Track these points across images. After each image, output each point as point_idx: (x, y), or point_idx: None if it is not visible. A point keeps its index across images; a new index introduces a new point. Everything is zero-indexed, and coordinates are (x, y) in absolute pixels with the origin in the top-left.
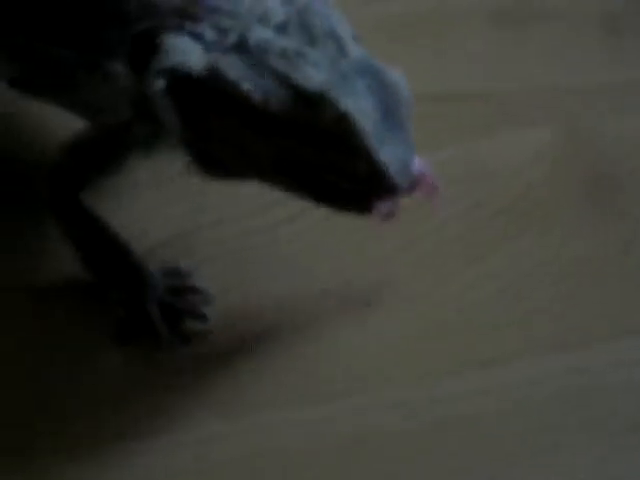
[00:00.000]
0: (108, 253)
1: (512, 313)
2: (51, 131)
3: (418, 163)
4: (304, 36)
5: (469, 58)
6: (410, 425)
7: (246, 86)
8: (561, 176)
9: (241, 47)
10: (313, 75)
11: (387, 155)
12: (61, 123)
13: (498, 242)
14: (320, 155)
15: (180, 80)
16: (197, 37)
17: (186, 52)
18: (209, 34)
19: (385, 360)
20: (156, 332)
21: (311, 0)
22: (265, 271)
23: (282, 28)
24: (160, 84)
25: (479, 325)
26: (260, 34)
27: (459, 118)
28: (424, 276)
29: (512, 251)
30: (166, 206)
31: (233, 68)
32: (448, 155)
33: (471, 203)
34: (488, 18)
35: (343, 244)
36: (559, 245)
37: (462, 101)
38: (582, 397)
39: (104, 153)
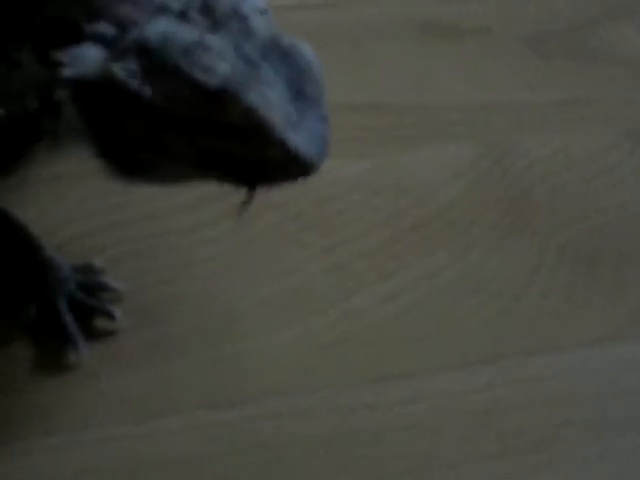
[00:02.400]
0: (15, 246)
1: (424, 327)
2: None
3: None
4: (206, 20)
5: (394, 70)
6: (310, 433)
7: (136, 86)
8: (479, 193)
9: (140, 45)
10: (215, 68)
11: (300, 138)
12: None
13: (414, 256)
14: (232, 147)
15: (83, 87)
16: (97, 38)
17: (85, 61)
18: (109, 32)
19: (294, 368)
20: (63, 327)
21: None
22: (178, 273)
23: (183, 14)
24: (63, 94)
25: (390, 338)
26: (159, 27)
27: (380, 130)
28: (338, 286)
29: (427, 266)
30: (83, 201)
31: (126, 69)
32: (368, 167)
33: (389, 216)
34: (415, 30)
35: (259, 250)
36: (474, 262)
37: (384, 113)
38: (489, 413)
39: (11, 144)
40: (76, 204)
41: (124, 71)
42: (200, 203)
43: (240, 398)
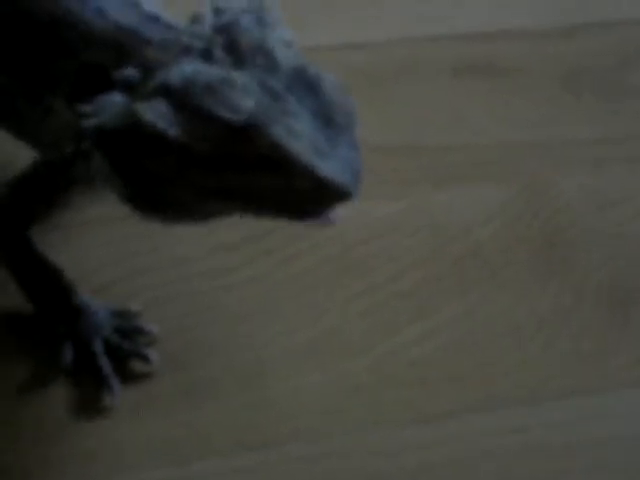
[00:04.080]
0: (51, 290)
1: (458, 368)
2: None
3: None
4: (231, 57)
5: (427, 111)
6: (345, 475)
7: (162, 127)
8: (513, 233)
9: (164, 86)
10: (239, 104)
11: (330, 167)
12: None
13: (448, 297)
14: (262, 180)
15: (107, 134)
16: (125, 83)
17: (109, 109)
18: (135, 76)
19: (329, 410)
20: (99, 370)
21: (238, 16)
22: (211, 316)
23: (207, 53)
24: (89, 144)
25: (424, 378)
26: (184, 67)
27: (414, 171)
28: (373, 328)
29: (461, 307)
30: (117, 245)
31: (153, 110)
32: (402, 207)
33: (423, 257)
34: (448, 70)
35: (293, 292)
36: (508, 302)
37: (417, 154)
38: (523, 454)
39: (47, 189)
40: (110, 248)
41: (150, 112)
42: (234, 245)
43: (275, 440)
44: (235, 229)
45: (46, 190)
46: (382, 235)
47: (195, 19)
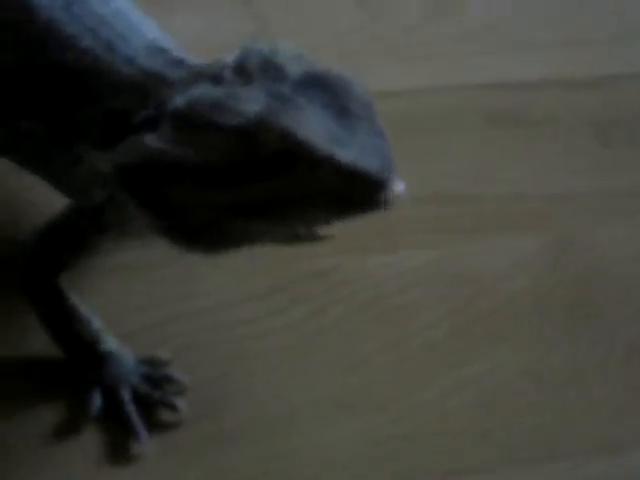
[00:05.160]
0: (81, 339)
1: (488, 422)
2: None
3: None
4: (241, 78)
5: (460, 160)
6: None
7: (172, 152)
8: (544, 284)
9: (172, 114)
10: (246, 110)
11: (353, 153)
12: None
13: (479, 349)
14: (283, 183)
15: (127, 174)
16: (146, 124)
17: (130, 150)
18: (154, 116)
19: (358, 464)
20: (127, 418)
21: (252, 44)
22: (242, 364)
23: (216, 78)
24: (115, 188)
25: (454, 432)
26: (191, 93)
27: (446, 220)
28: (403, 379)
29: (492, 359)
30: (148, 291)
31: (158, 138)
32: (434, 257)
33: (454, 307)
34: (481, 120)
35: (324, 342)
36: (539, 355)
37: (450, 203)
38: None
39: (77, 238)
40: (142, 294)
41: (157, 141)
42: (266, 294)
43: None
44: (268, 277)
45: (77, 238)
46: (414, 284)
47: (216, 59)
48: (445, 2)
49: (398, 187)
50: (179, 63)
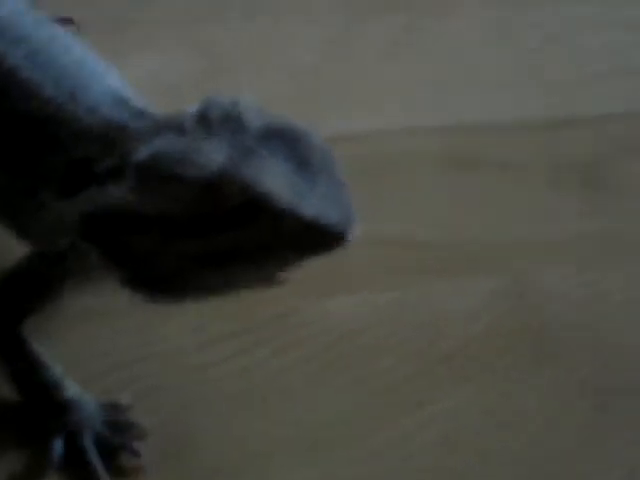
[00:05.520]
0: (42, 386)
1: (451, 463)
2: None
3: None
4: (202, 128)
5: (418, 204)
6: None
7: (134, 205)
8: (503, 327)
9: (134, 166)
10: (208, 161)
11: (314, 204)
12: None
13: (440, 390)
14: (246, 234)
15: (91, 223)
16: (107, 174)
17: (92, 200)
18: (116, 166)
19: None
20: (88, 464)
21: (213, 97)
22: (204, 407)
23: (179, 128)
24: (77, 236)
25: (416, 473)
26: (153, 145)
27: (405, 263)
28: (362, 422)
29: (455, 398)
30: (109, 337)
31: (121, 191)
32: (395, 298)
33: (416, 348)
34: (441, 163)
35: (283, 385)
36: (502, 395)
37: (409, 247)
38: None
39: (39, 284)
40: (105, 338)
41: (120, 191)
42: (228, 336)
43: None
44: (230, 321)
45: (40, 284)
46: (375, 326)
47: (178, 110)
48: (404, 42)
49: (355, 232)
50: (141, 114)
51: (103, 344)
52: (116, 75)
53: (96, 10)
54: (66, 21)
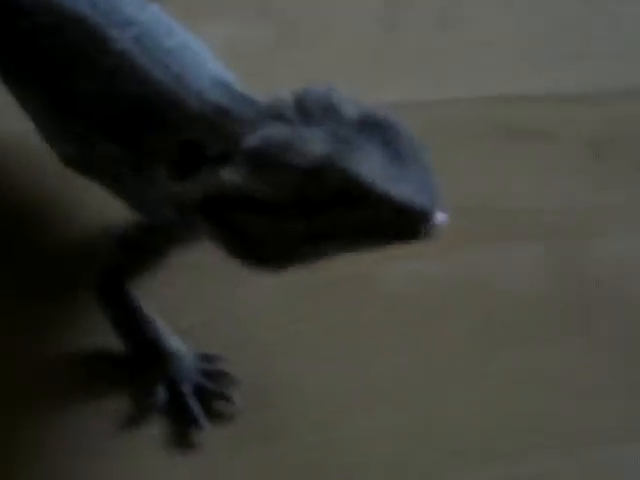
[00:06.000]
0: (147, 339)
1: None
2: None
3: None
4: (301, 117)
5: (468, 172)
6: None
7: (247, 187)
8: (554, 291)
9: (246, 152)
10: (311, 151)
11: (405, 190)
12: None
13: (495, 348)
14: (346, 216)
15: (207, 203)
16: (218, 158)
17: (207, 181)
18: (225, 151)
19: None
20: (188, 409)
21: (309, 87)
22: (285, 363)
23: (281, 117)
24: (192, 213)
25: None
26: (260, 133)
27: (460, 231)
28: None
29: (507, 361)
30: (200, 292)
31: (236, 174)
32: (443, 265)
33: (463, 313)
34: (490, 132)
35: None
36: (552, 355)
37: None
38: None
39: (148, 250)
40: (195, 295)
41: (233, 175)
42: (305, 296)
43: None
44: (305, 283)
45: (148, 251)
46: (431, 292)
47: (275, 96)
48: (451, 16)
49: (441, 218)
50: (242, 98)
51: (194, 300)
52: (214, 58)
53: None
54: None
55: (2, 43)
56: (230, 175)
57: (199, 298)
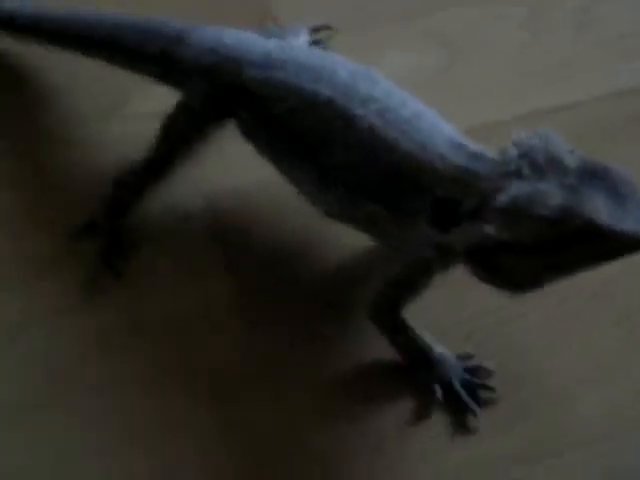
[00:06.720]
0: (421, 350)
1: None
2: None
3: None
4: (534, 172)
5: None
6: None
7: (509, 235)
8: None
9: (502, 208)
10: (550, 204)
11: (629, 226)
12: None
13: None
14: (581, 250)
15: (474, 250)
16: (471, 212)
17: (471, 233)
18: (476, 206)
19: None
20: (462, 400)
21: (531, 143)
22: (525, 352)
23: (519, 174)
24: (461, 256)
25: None
26: (509, 192)
27: None
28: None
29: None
30: (447, 302)
31: (496, 227)
32: None
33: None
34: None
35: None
36: None
37: None
38: None
39: (415, 283)
40: (445, 304)
41: (492, 229)
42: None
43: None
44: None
45: (416, 284)
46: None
47: (503, 152)
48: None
49: None
50: (476, 155)
51: (445, 309)
52: (441, 119)
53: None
54: (322, 28)
55: (264, 128)
56: (489, 229)
57: (448, 307)
